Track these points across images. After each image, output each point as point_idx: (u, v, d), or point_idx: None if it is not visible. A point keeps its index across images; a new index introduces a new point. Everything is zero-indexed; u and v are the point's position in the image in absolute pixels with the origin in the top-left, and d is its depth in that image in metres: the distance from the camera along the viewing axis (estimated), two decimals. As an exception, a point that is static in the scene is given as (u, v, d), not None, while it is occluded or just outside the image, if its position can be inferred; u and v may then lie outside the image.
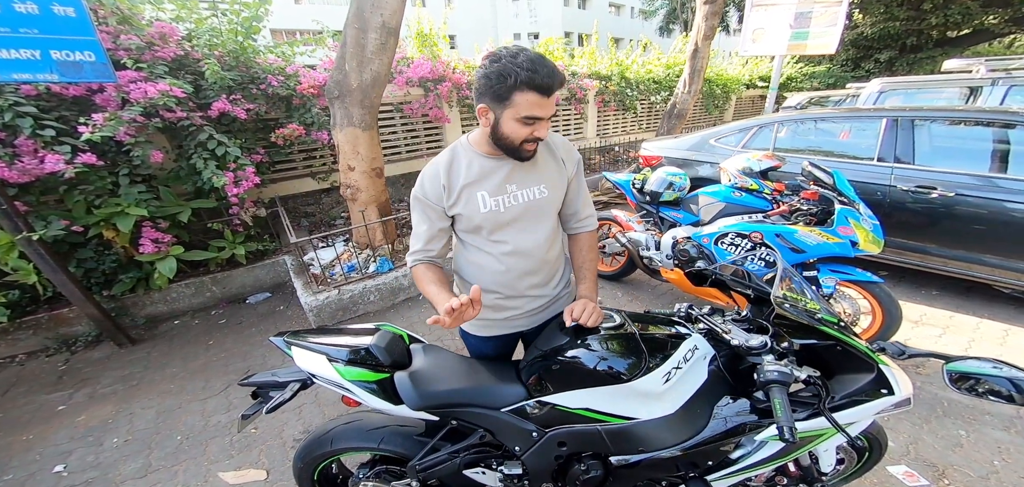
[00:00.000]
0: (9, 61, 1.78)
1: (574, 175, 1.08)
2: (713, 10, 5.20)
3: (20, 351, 2.41)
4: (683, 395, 0.93)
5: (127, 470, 1.68)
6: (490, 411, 1.01)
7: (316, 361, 1.04)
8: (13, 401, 2.08)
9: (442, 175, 0.97)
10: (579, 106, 5.76)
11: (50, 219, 2.20)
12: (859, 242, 1.71)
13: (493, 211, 0.97)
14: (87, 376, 2.24)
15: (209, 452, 1.74)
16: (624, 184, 2.77)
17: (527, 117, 0.85)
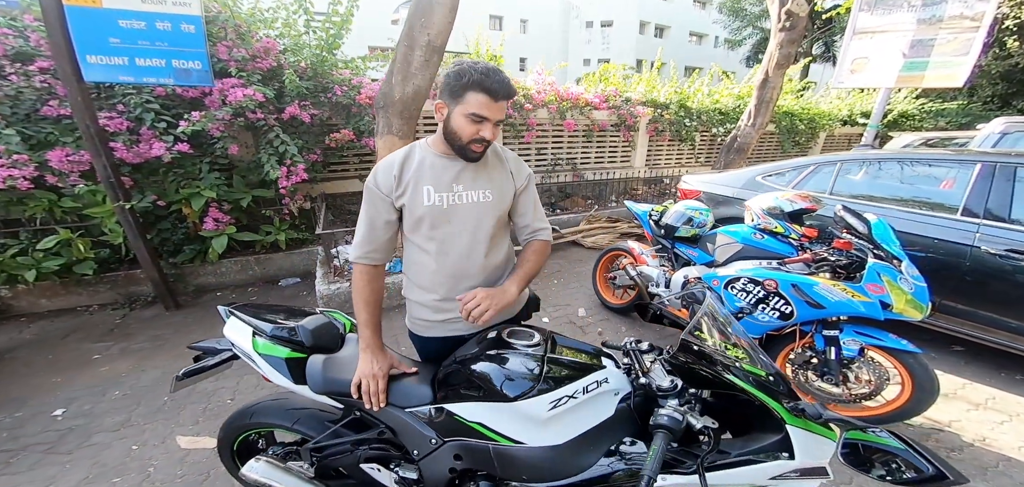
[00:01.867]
0: (143, 67, 2.49)
1: (524, 188, 1.20)
2: (790, 38, 5.08)
3: (95, 302, 3.10)
4: (575, 428, 0.95)
5: (108, 422, 2.00)
6: (393, 408, 1.09)
7: (241, 332, 1.20)
8: (66, 345, 2.64)
9: (396, 167, 1.08)
10: (628, 133, 5.88)
11: (146, 194, 2.91)
12: (893, 304, 1.61)
13: (436, 206, 1.08)
14: (131, 332, 2.79)
15: (182, 416, 2.02)
16: (642, 215, 2.85)
17: (474, 115, 0.98)
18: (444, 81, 1.02)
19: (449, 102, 1.02)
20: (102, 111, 2.73)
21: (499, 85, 0.97)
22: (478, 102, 0.98)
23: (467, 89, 0.97)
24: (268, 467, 1.23)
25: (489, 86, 0.97)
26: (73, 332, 2.77)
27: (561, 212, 5.15)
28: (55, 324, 2.85)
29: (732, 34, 23.15)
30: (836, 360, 1.78)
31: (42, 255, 2.72)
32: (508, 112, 4.77)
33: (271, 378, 1.17)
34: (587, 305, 3.16)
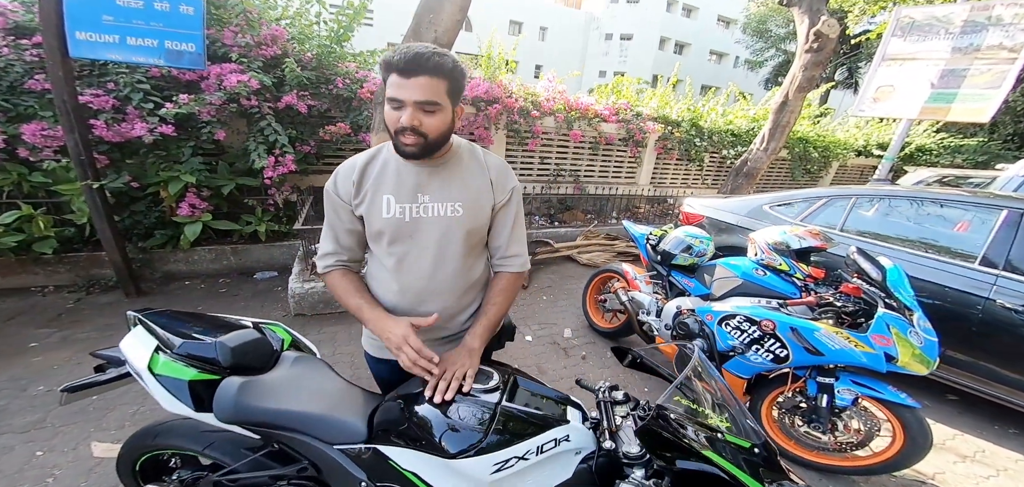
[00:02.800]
0: (133, 46, 2.50)
1: (505, 204, 1.07)
2: (816, 60, 4.97)
3: (52, 283, 3.05)
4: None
5: (18, 422, 1.87)
6: (320, 444, 1.00)
7: (141, 345, 1.06)
8: (5, 329, 2.54)
9: (356, 170, 0.99)
10: (636, 149, 5.86)
11: (121, 173, 2.88)
12: (898, 357, 1.54)
13: (396, 218, 0.98)
14: (81, 318, 2.72)
15: (107, 420, 1.90)
16: (639, 238, 2.79)
17: (391, 98, 0.88)
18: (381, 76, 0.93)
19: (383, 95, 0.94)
20: (91, 88, 2.74)
21: (406, 57, 0.84)
22: (392, 84, 0.87)
23: (386, 75, 0.88)
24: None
25: (396, 62, 0.85)
26: (19, 314, 2.70)
27: (559, 225, 5.11)
28: (3, 304, 2.79)
29: (754, 55, 23.31)
30: (827, 408, 1.73)
31: (1, 230, 2.69)
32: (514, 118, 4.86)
33: (163, 403, 1.03)
34: (574, 326, 3.08)
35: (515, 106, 4.59)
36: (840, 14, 9.46)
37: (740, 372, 1.91)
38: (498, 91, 4.52)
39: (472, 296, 1.12)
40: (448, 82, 0.89)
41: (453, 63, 0.89)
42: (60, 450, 1.75)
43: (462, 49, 3.70)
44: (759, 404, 1.95)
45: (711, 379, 0.95)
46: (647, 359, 1.09)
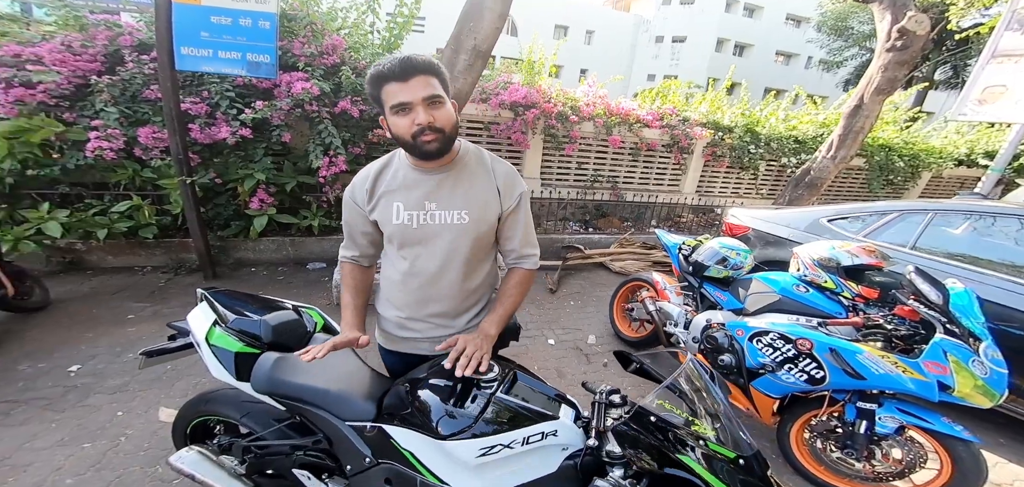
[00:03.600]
0: (223, 59, 2.92)
1: (513, 209, 1.10)
2: (899, 60, 4.39)
3: (150, 263, 3.59)
4: (503, 481, 0.92)
5: (109, 384, 2.13)
6: (334, 418, 1.09)
7: (203, 318, 1.21)
8: (111, 301, 2.95)
9: (371, 178, 1.05)
10: (680, 155, 5.62)
11: (208, 171, 3.36)
12: (954, 387, 1.35)
13: (405, 225, 1.02)
14: (169, 295, 3.15)
15: (175, 389, 2.11)
16: (671, 248, 2.70)
17: (395, 106, 0.91)
18: (369, 96, 0.97)
19: (383, 112, 0.96)
20: (191, 96, 3.23)
21: (399, 65, 0.89)
22: (391, 92, 0.91)
23: (379, 87, 0.92)
24: (198, 458, 1.29)
25: (390, 71, 0.89)
26: (122, 290, 3.20)
27: (593, 231, 5.03)
28: (112, 280, 3.33)
29: (830, 55, 21.07)
30: (865, 435, 1.58)
31: (117, 216, 3.25)
32: (552, 123, 4.91)
33: (211, 370, 1.17)
34: (599, 333, 3.04)
35: (553, 111, 4.62)
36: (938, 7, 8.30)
37: (770, 391, 1.78)
38: (536, 96, 4.59)
39: (476, 298, 1.16)
40: (439, 78, 0.93)
41: (437, 62, 0.94)
42: (135, 412, 2.00)
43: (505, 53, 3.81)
44: (790, 425, 1.82)
45: (705, 388, 0.93)
46: (649, 366, 1.08)
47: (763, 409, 1.84)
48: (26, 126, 2.89)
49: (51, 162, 3.06)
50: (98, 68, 3.12)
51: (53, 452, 1.75)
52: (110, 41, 3.22)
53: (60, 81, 2.95)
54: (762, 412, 1.86)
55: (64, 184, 3.19)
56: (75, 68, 3.03)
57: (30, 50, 3.00)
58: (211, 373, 1.18)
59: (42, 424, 1.90)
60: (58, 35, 3.20)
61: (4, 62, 2.94)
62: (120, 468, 1.70)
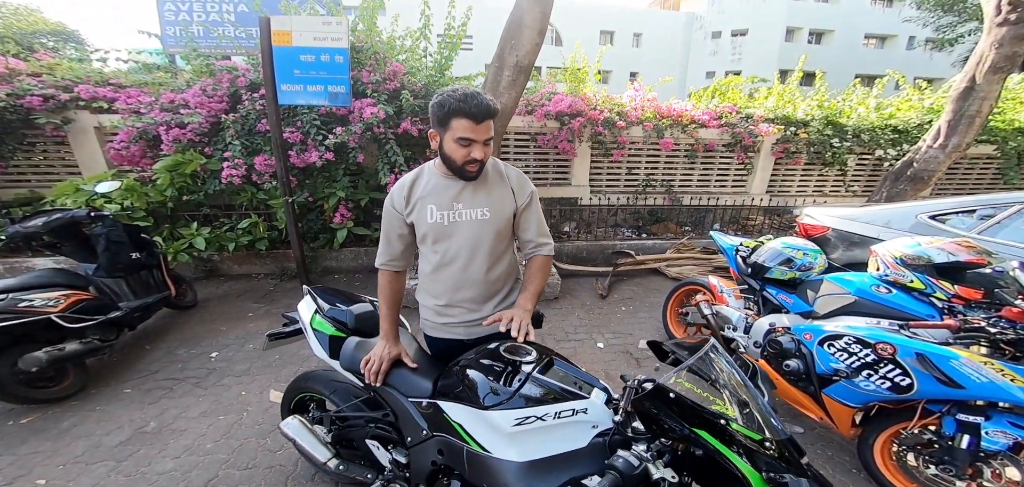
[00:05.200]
0: (311, 93, 3.40)
1: (526, 205, 1.27)
2: (1016, 33, 3.68)
3: (263, 271, 4.23)
4: (539, 450, 0.97)
5: (237, 369, 2.57)
6: (399, 395, 1.24)
7: (308, 309, 1.49)
8: (237, 302, 3.56)
9: (407, 187, 1.22)
10: (744, 155, 5.16)
11: (303, 191, 3.92)
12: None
13: (438, 223, 1.20)
14: (276, 298, 3.68)
15: (283, 374, 2.46)
16: (728, 249, 2.50)
17: (461, 139, 1.08)
18: (431, 113, 1.12)
19: (439, 130, 1.12)
20: (288, 127, 3.79)
21: (478, 108, 1.05)
22: (462, 126, 1.06)
23: (451, 116, 1.07)
24: (299, 426, 1.55)
25: (469, 111, 1.05)
26: (245, 293, 3.84)
27: (647, 237, 4.81)
28: (237, 285, 4.01)
29: (940, 32, 17.68)
30: (968, 450, 1.32)
31: (241, 232, 3.92)
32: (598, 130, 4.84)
33: (315, 350, 1.46)
34: (652, 337, 2.88)
35: (599, 118, 4.57)
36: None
37: (847, 399, 1.58)
38: (581, 104, 4.59)
39: (499, 286, 1.31)
40: (494, 121, 1.12)
41: (496, 106, 1.11)
42: (253, 392, 2.37)
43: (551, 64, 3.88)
44: (873, 437, 1.60)
45: (728, 368, 0.93)
46: (680, 353, 1.07)
47: (840, 419, 1.62)
48: (181, 160, 3.66)
49: (197, 188, 3.82)
50: (225, 107, 3.80)
51: (199, 421, 2.16)
52: (231, 83, 3.88)
53: (201, 121, 3.67)
54: (839, 422, 1.64)
55: (206, 206, 3.95)
56: (210, 109, 3.72)
57: (180, 96, 3.77)
58: (314, 351, 1.45)
59: (193, 398, 2.33)
60: (197, 82, 3.96)
61: (165, 108, 3.73)
62: (242, 438, 2.05)
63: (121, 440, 2.03)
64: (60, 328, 2.27)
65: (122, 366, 2.63)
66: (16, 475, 1.82)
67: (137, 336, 2.97)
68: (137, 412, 2.22)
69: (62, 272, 2.54)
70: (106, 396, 2.35)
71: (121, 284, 2.77)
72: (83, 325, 2.37)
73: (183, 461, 1.91)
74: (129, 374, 2.55)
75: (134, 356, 2.74)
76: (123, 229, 2.86)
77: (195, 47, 4.54)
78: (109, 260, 2.71)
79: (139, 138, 3.73)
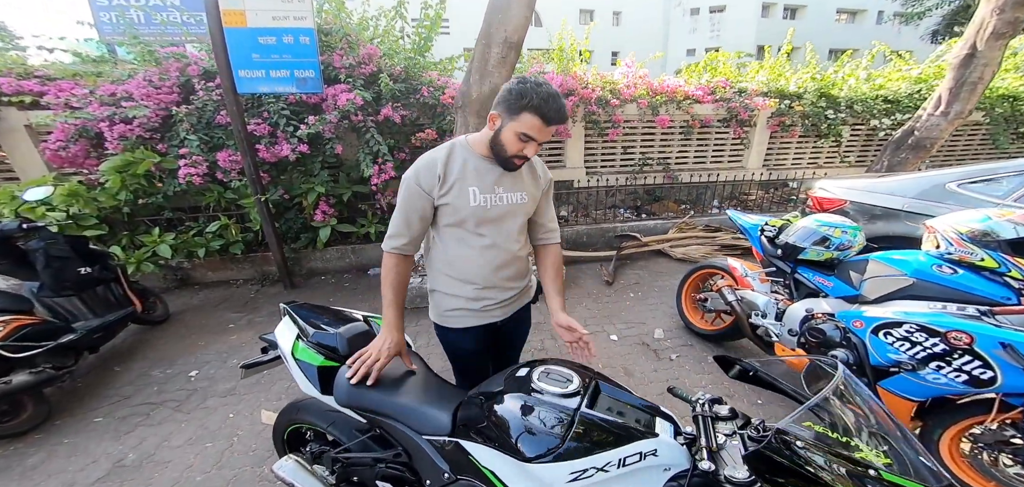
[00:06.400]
0: (275, 78, 3.00)
1: (546, 191, 1.31)
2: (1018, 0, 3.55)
3: (241, 276, 3.83)
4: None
5: (220, 388, 2.30)
6: (412, 432, 1.05)
7: (288, 333, 1.24)
8: (215, 312, 3.19)
9: (439, 166, 1.13)
10: (740, 129, 5.00)
11: (277, 188, 3.52)
12: None
13: (481, 206, 1.15)
14: (259, 306, 3.32)
15: (272, 391, 2.21)
16: (751, 229, 2.30)
17: (525, 135, 1.04)
18: (504, 95, 1.06)
19: (504, 116, 1.07)
20: (254, 118, 3.38)
21: (555, 113, 1.03)
22: (532, 124, 1.03)
23: (525, 110, 1.02)
24: (295, 467, 1.29)
25: (546, 112, 1.02)
26: (223, 301, 3.46)
27: (647, 217, 4.61)
28: (213, 293, 3.61)
29: (907, 6, 17.96)
30: None
31: (210, 236, 3.51)
32: (592, 109, 4.60)
33: (301, 385, 1.19)
34: (667, 326, 2.70)
35: (592, 96, 4.30)
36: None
37: (908, 393, 1.40)
38: (573, 83, 4.29)
39: (525, 263, 1.33)
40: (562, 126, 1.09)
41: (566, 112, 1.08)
42: (243, 414, 2.12)
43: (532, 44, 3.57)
44: (938, 432, 1.42)
45: (862, 401, 0.70)
46: (763, 372, 0.85)
47: (897, 414, 1.45)
48: (132, 159, 3.20)
49: (155, 190, 3.37)
50: (176, 99, 3.34)
51: (184, 450, 1.92)
52: (181, 72, 3.42)
53: (149, 115, 3.21)
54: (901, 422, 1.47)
55: (167, 210, 3.51)
56: (158, 101, 3.26)
57: (122, 88, 3.28)
58: (300, 387, 1.19)
59: (174, 424, 2.08)
60: (140, 71, 3.46)
61: (104, 101, 3.23)
62: (236, 467, 1.82)
63: (98, 476, 1.77)
64: (3, 358, 1.94)
65: (89, 393, 2.31)
66: None
67: (103, 357, 2.62)
68: (112, 444, 1.96)
69: (0, 295, 2.14)
70: (74, 427, 2.07)
71: (74, 302, 2.41)
72: (30, 354, 2.03)
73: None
74: (98, 401, 2.25)
75: (102, 381, 2.41)
76: (66, 241, 2.46)
77: (135, 35, 3.99)
78: (53, 277, 2.32)
79: (78, 136, 3.23)
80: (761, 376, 0.86)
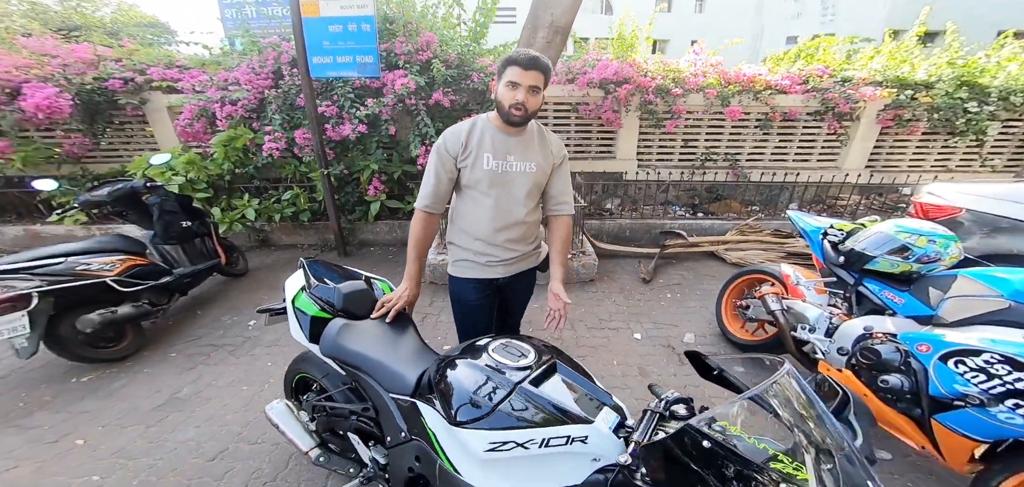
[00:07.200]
0: (340, 64, 3.37)
1: (559, 164, 1.45)
2: None
3: (307, 242, 4.37)
4: (516, 482, 0.81)
5: (266, 339, 2.58)
6: (382, 389, 1.10)
7: (296, 284, 1.35)
8: (281, 271, 3.60)
9: (463, 134, 1.35)
10: (838, 124, 4.27)
11: (339, 164, 3.96)
12: None
13: (492, 170, 1.33)
14: None
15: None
16: (812, 233, 1.99)
17: (509, 82, 1.25)
18: (497, 68, 1.30)
19: (497, 80, 1.31)
20: (325, 101, 3.82)
21: (525, 57, 1.23)
22: (511, 72, 1.25)
23: (506, 65, 1.27)
24: (284, 411, 1.43)
25: (518, 59, 1.23)
26: (289, 263, 3.97)
27: (703, 216, 4.20)
28: (284, 255, 4.17)
29: None
30: None
31: (285, 204, 4.09)
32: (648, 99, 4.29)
33: (292, 330, 1.30)
34: (701, 332, 2.47)
35: (650, 85, 4.02)
36: None
37: (972, 431, 1.18)
38: (629, 70, 4.06)
39: (536, 230, 1.51)
40: (545, 76, 1.28)
41: (549, 65, 1.28)
42: (279, 364, 2.36)
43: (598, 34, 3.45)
44: (999, 479, 1.18)
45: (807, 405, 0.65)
46: (727, 372, 0.78)
47: (953, 452, 1.24)
48: (234, 135, 3.87)
49: (249, 162, 4.03)
50: (270, 84, 3.93)
51: (225, 390, 2.20)
52: (275, 60, 3.99)
53: (248, 97, 3.84)
54: (950, 456, 1.26)
55: (256, 179, 4.18)
56: (256, 86, 3.87)
57: (231, 75, 3.97)
58: (291, 333, 1.29)
59: (226, 366, 2.38)
60: (246, 60, 4.13)
61: (219, 86, 3.95)
62: (257, 411, 2.02)
63: (157, 404, 2.10)
64: (117, 291, 2.42)
65: (173, 330, 2.78)
66: (63, 433, 1.92)
67: (191, 301, 3.17)
68: (176, 378, 2.30)
69: (122, 238, 2.74)
70: (155, 359, 2.47)
71: (176, 250, 2.96)
72: (136, 289, 2.51)
73: (203, 430, 1.93)
74: (178, 338, 2.68)
75: (186, 321, 2.92)
76: (175, 199, 3.06)
77: (247, 28, 4.77)
78: (163, 228, 2.91)
79: (200, 115, 4.00)
80: (726, 377, 0.78)
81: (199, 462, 1.75)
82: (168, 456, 1.79)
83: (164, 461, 1.76)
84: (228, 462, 1.74)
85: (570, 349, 2.34)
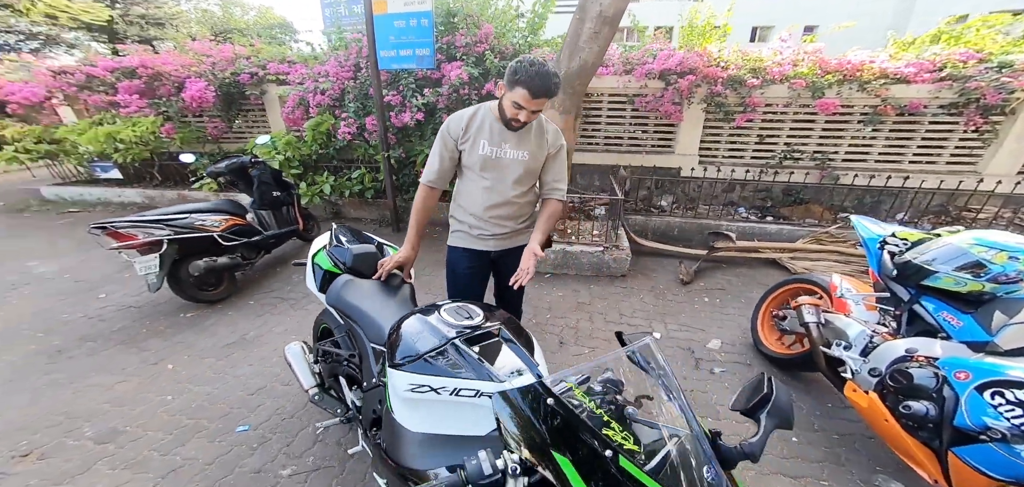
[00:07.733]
0: (403, 56, 3.76)
1: (556, 153, 1.54)
2: None
3: (371, 217, 4.94)
4: (432, 424, 0.91)
5: (303, 300, 2.87)
6: (365, 338, 1.24)
7: (320, 242, 1.58)
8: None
9: (465, 120, 1.48)
10: (982, 120, 3.42)
11: (399, 148, 4.41)
12: None
13: (487, 155, 1.46)
14: None
15: None
16: (871, 241, 1.68)
17: (516, 103, 1.32)
18: (507, 70, 1.33)
19: (506, 87, 1.36)
20: (391, 90, 4.29)
21: (538, 86, 1.27)
22: (520, 95, 1.29)
23: (516, 83, 1.29)
24: (299, 351, 1.65)
25: (531, 85, 1.27)
26: None
27: (772, 221, 3.68)
28: (354, 226, 4.78)
29: None
30: None
31: (354, 181, 4.70)
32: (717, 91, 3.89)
33: (307, 282, 1.56)
34: (731, 340, 2.22)
35: (718, 76, 3.65)
36: None
37: (992, 469, 1.03)
38: (695, 60, 3.74)
39: (528, 211, 1.62)
40: (549, 100, 1.35)
41: (557, 87, 1.33)
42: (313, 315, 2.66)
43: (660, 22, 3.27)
44: None
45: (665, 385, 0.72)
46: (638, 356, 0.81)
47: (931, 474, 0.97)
48: (320, 121, 4.59)
49: (330, 144, 4.75)
50: (350, 75, 4.54)
51: (278, 336, 2.49)
52: (357, 54, 4.57)
53: (332, 88, 4.51)
54: None
55: (335, 160, 4.89)
56: (340, 78, 4.51)
57: (323, 68, 4.68)
58: (306, 283, 1.56)
59: (285, 316, 2.68)
60: (335, 55, 4.82)
61: (313, 78, 4.70)
62: None
63: (228, 342, 2.41)
64: (220, 245, 3.02)
65: (256, 282, 3.25)
66: (161, 357, 2.30)
67: (273, 259, 3.78)
68: (247, 322, 2.62)
69: (230, 202, 3.45)
70: (239, 304, 2.88)
71: (270, 215, 3.65)
72: (233, 244, 3.12)
73: (255, 367, 2.20)
74: (257, 290, 3.10)
75: (266, 275, 3.47)
76: (271, 173, 3.76)
77: (340, 25, 5.54)
78: (260, 196, 3.61)
79: (299, 104, 4.82)
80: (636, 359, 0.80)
81: (242, 395, 2.01)
82: (223, 387, 2.06)
83: (219, 390, 2.04)
84: (262, 398, 1.99)
85: (582, 338, 2.33)
